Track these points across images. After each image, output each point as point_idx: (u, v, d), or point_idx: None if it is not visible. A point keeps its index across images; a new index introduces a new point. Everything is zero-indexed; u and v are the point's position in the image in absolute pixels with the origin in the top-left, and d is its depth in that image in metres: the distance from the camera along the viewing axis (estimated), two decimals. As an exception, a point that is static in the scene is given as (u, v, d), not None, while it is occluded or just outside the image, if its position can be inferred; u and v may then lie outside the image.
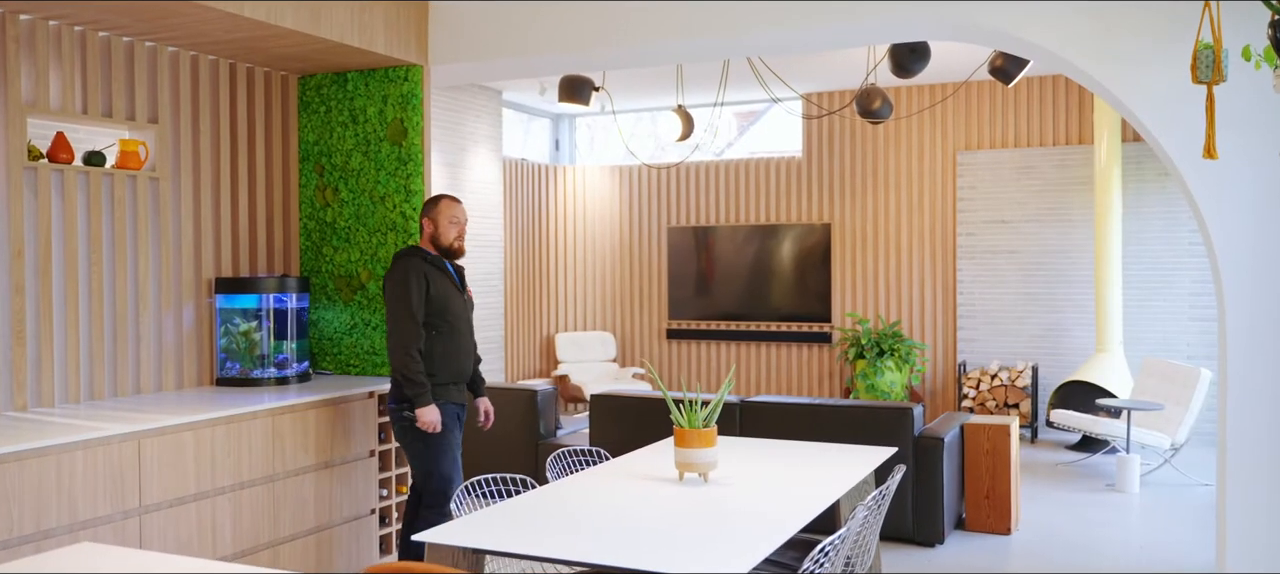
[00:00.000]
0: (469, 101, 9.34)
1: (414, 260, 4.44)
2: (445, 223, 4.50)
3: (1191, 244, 8.63)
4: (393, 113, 5.20)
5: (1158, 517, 6.29)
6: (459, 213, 4.54)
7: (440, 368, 4.43)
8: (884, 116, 7.33)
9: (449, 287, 4.48)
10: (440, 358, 4.43)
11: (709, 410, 3.53)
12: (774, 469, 3.77)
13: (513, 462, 6.48)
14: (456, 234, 4.51)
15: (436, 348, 4.43)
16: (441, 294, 4.42)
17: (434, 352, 4.42)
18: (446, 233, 4.51)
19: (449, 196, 4.56)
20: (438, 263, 4.50)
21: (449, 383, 4.48)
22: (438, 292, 4.41)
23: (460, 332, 4.51)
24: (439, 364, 4.43)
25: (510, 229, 10.18)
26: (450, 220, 4.51)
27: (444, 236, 4.51)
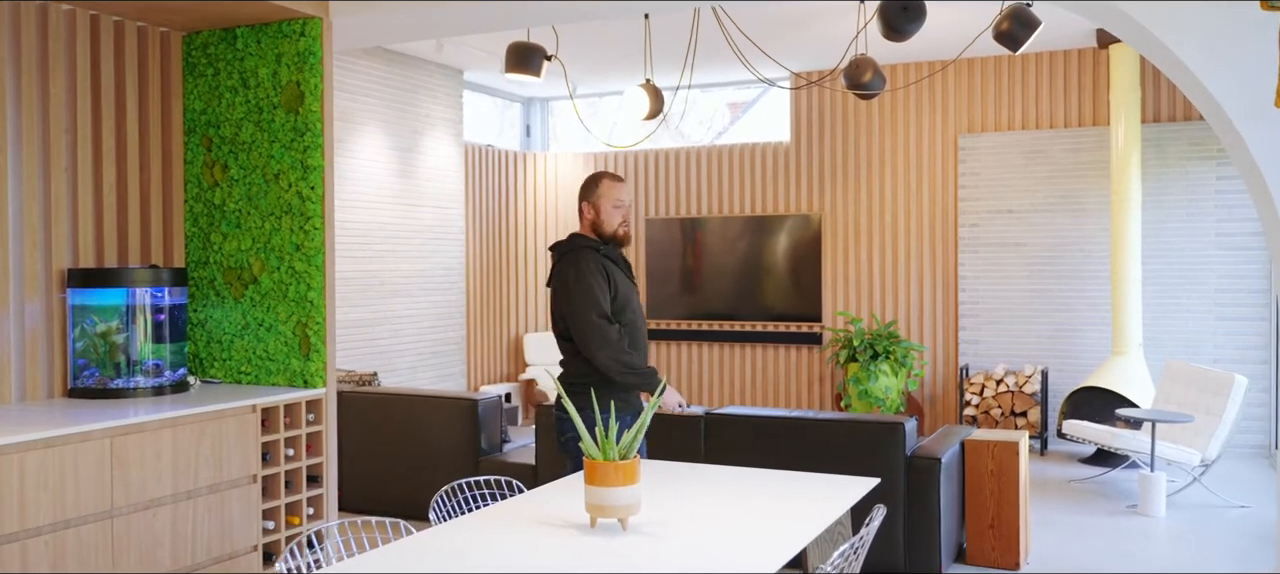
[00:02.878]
0: (424, 80, 8.55)
1: (589, 254, 3.78)
2: (608, 208, 3.84)
3: (1218, 236, 7.80)
4: (288, 75, 4.40)
5: (1189, 544, 5.47)
6: (622, 194, 3.87)
7: None
8: (876, 90, 6.51)
9: (626, 279, 3.88)
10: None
11: (630, 437, 2.72)
12: (719, 510, 2.96)
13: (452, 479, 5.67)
14: (621, 220, 3.86)
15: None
16: (624, 289, 3.83)
17: None
18: (609, 219, 3.84)
19: (610, 175, 3.89)
20: (612, 253, 3.85)
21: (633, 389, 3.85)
22: (620, 287, 3.81)
23: (639, 330, 3.88)
24: None
25: (473, 220, 9.37)
26: (614, 204, 3.84)
27: (607, 223, 3.84)
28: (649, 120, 6.94)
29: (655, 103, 6.85)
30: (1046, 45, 8.12)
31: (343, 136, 7.67)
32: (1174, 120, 7.96)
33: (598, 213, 3.83)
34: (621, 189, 3.86)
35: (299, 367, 4.38)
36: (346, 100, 7.70)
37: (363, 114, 7.88)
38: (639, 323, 3.86)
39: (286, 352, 4.41)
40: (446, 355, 8.84)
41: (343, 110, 7.67)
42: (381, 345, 8.08)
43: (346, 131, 7.71)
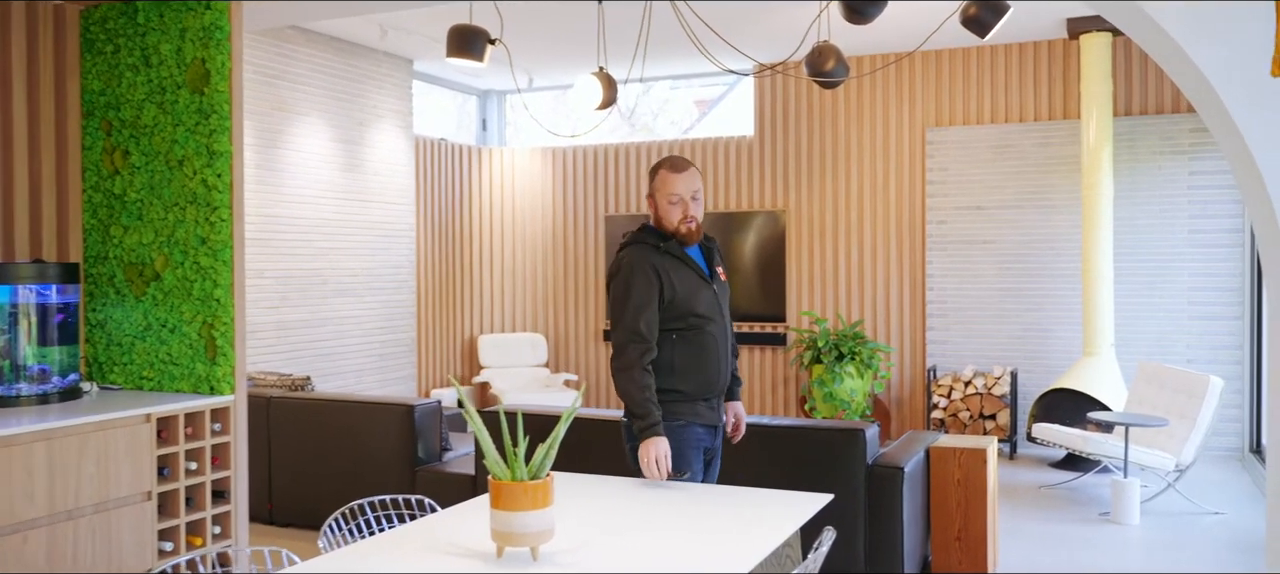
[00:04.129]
0: (371, 69, 8.16)
1: (641, 250, 3.29)
2: (664, 203, 3.30)
3: (1191, 233, 7.57)
4: (192, 52, 4.02)
5: (1164, 554, 5.20)
6: (679, 186, 3.27)
7: (683, 381, 3.29)
8: (839, 78, 6.20)
9: (692, 277, 3.31)
10: (683, 369, 3.29)
11: (542, 453, 2.38)
12: (648, 535, 2.62)
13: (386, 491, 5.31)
14: (681, 216, 3.28)
15: (677, 357, 3.29)
16: (685, 290, 3.28)
17: (675, 362, 3.29)
18: (667, 215, 3.30)
19: (668, 163, 3.32)
20: (674, 248, 3.31)
21: (697, 399, 3.33)
22: (678, 287, 3.27)
23: (710, 333, 3.32)
24: (682, 377, 3.29)
25: (424, 217, 8.99)
26: (669, 199, 3.28)
27: (665, 220, 3.31)
28: (602, 109, 6.59)
29: (608, 92, 6.51)
30: (1015, 36, 7.85)
31: (282, 127, 7.28)
32: (1146, 113, 7.72)
33: (655, 208, 3.33)
34: (679, 180, 3.27)
35: (204, 372, 4.01)
36: (286, 89, 7.31)
37: (303, 104, 7.48)
38: (712, 326, 3.31)
39: (191, 355, 4.03)
40: (395, 358, 8.46)
41: (281, 99, 7.27)
42: (323, 347, 7.68)
43: (285, 122, 7.31)
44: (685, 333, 3.29)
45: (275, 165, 7.22)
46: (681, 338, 3.29)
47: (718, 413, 3.42)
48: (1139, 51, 7.72)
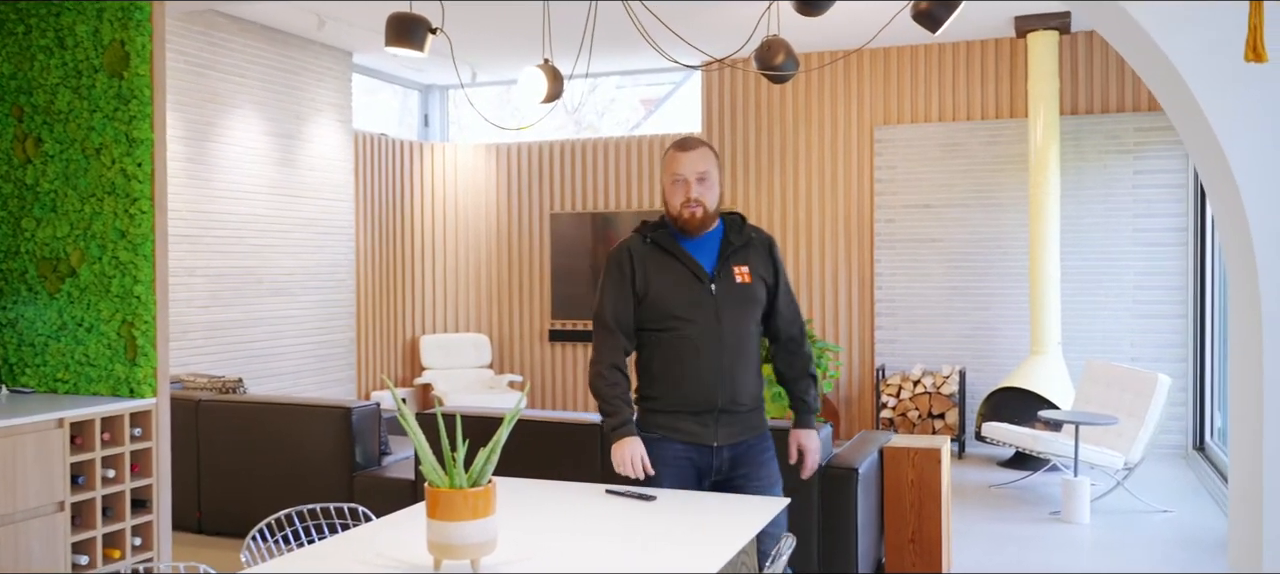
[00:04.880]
0: (309, 61, 7.89)
1: (628, 240, 3.07)
2: (666, 184, 3.03)
3: (1136, 232, 7.61)
4: (111, 33, 3.78)
5: (1116, 553, 5.17)
6: (683, 164, 2.98)
7: (659, 389, 3.02)
8: (789, 73, 6.09)
9: (678, 272, 3.00)
10: (659, 376, 3.01)
11: (483, 458, 2.21)
12: (596, 544, 2.47)
13: (322, 498, 5.08)
14: (682, 199, 2.98)
15: (654, 362, 3.03)
16: (661, 286, 2.98)
17: (651, 367, 3.03)
18: (670, 197, 3.02)
19: (678, 140, 3.05)
20: (664, 238, 3.03)
21: (679, 412, 3.00)
22: (653, 283, 2.99)
23: (688, 337, 2.96)
24: (658, 385, 3.02)
25: (363, 214, 8.74)
26: (671, 178, 3.01)
27: (669, 203, 3.03)
28: (547, 103, 6.42)
29: (553, 85, 6.34)
30: (963, 35, 7.84)
31: (213, 119, 6.99)
32: (1092, 112, 7.75)
33: (663, 190, 3.05)
34: (683, 159, 2.98)
35: (124, 373, 3.77)
36: (217, 80, 7.03)
37: (237, 95, 7.20)
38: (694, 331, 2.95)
39: (109, 356, 3.79)
40: (333, 359, 8.19)
41: (213, 91, 6.98)
42: (258, 348, 7.40)
43: (217, 114, 7.03)
44: (660, 336, 3.00)
45: (206, 159, 6.93)
46: (657, 341, 3.01)
47: (716, 431, 2.99)
48: (1085, 50, 7.75)
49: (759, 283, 3.02)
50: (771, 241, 3.13)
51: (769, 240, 3.12)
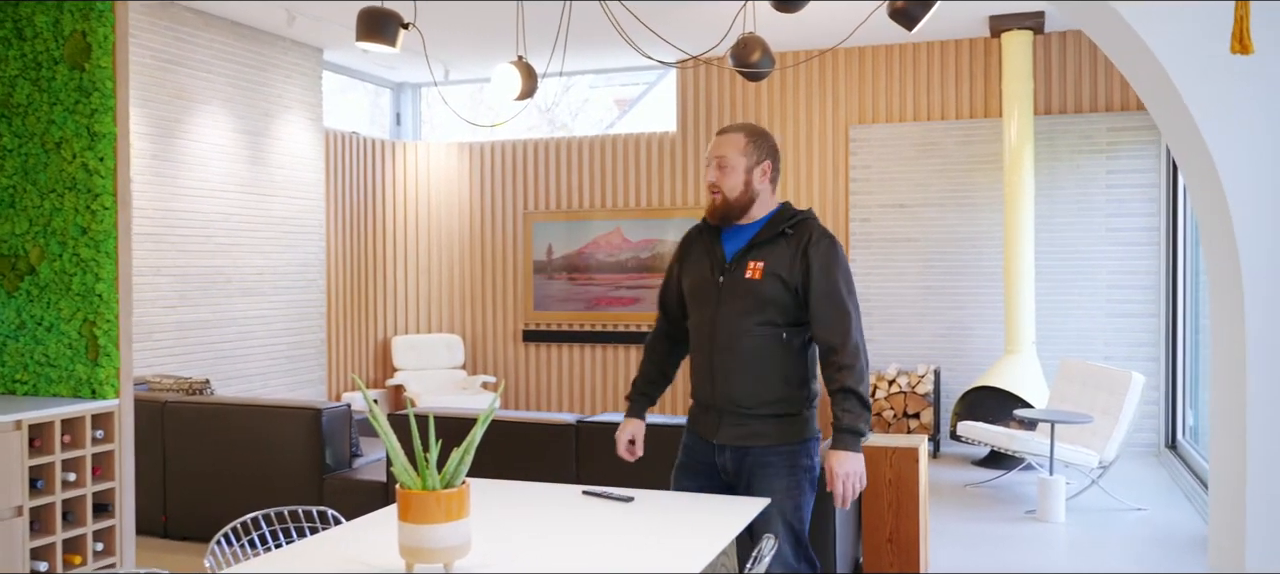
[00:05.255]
0: (278, 58, 7.77)
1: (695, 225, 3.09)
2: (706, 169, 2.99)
3: (1109, 231, 7.64)
4: (72, 24, 3.67)
5: (1091, 551, 5.17)
6: (710, 148, 2.96)
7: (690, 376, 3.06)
8: (765, 70, 6.06)
9: (700, 262, 2.97)
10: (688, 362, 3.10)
11: (456, 458, 2.14)
12: (574, 547, 2.41)
13: (291, 501, 4.98)
14: (710, 183, 2.92)
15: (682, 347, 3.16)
16: (687, 275, 3.02)
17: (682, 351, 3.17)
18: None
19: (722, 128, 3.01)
20: (710, 229, 2.99)
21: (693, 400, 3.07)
22: (685, 271, 3.04)
23: (695, 328, 2.98)
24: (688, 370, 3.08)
25: (334, 213, 8.62)
26: (706, 162, 2.97)
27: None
28: (521, 100, 6.35)
29: (528, 82, 6.27)
30: (938, 34, 7.84)
31: (180, 116, 6.86)
32: (1065, 112, 7.78)
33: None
34: (715, 143, 2.94)
35: (85, 374, 3.66)
36: (184, 76, 6.90)
37: (204, 92, 7.07)
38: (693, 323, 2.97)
39: (70, 356, 3.68)
40: (304, 360, 8.07)
41: (179, 87, 6.85)
42: (226, 349, 7.28)
43: (184, 111, 6.90)
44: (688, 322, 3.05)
45: (173, 156, 6.80)
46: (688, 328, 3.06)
47: (717, 429, 2.92)
48: (1059, 50, 7.77)
49: (772, 280, 2.81)
50: (811, 239, 2.82)
51: (810, 237, 2.83)
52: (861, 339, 2.84)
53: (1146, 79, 2.82)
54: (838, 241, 2.90)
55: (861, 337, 2.85)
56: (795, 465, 2.91)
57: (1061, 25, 7.57)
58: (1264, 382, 2.64)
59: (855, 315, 2.83)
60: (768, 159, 2.92)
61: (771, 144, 2.95)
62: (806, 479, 2.92)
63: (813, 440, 2.93)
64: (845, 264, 2.87)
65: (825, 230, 2.89)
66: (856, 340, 2.82)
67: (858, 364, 2.81)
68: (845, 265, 2.86)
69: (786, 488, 2.91)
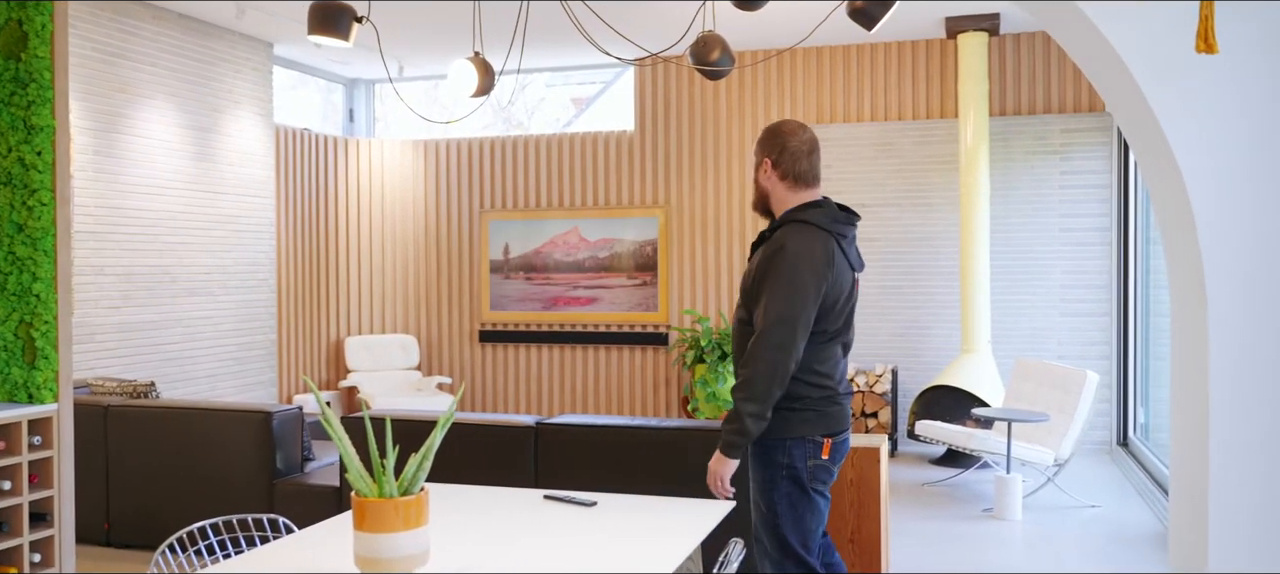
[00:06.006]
0: (226, 52, 7.58)
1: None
2: None
3: (1062, 231, 7.71)
4: (6, 12, 3.52)
5: (1048, 549, 5.20)
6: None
7: None
8: (725, 69, 6.01)
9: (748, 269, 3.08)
10: None
11: (415, 464, 2.06)
12: (535, 554, 2.34)
13: (240, 507, 4.84)
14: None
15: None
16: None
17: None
18: None
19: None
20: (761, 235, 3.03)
21: None
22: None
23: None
24: None
25: (285, 211, 8.44)
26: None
27: None
28: (477, 97, 6.24)
29: (485, 78, 6.17)
30: (895, 35, 7.87)
31: (124, 110, 6.66)
32: (1019, 113, 7.84)
33: None
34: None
35: (21, 377, 3.51)
36: (129, 69, 6.70)
37: (149, 86, 6.88)
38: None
39: (5, 359, 3.53)
40: (253, 362, 7.89)
41: (124, 80, 6.66)
42: (172, 351, 7.08)
43: (128, 105, 6.70)
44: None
45: (116, 152, 6.61)
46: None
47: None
48: (1013, 52, 7.83)
49: (748, 278, 2.91)
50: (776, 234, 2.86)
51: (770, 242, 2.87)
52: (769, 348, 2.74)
53: (1110, 79, 2.81)
54: (795, 240, 2.80)
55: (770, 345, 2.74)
56: (769, 462, 2.88)
57: (1016, 27, 7.63)
58: (1226, 383, 2.64)
59: (775, 326, 2.74)
60: (767, 157, 2.93)
61: (774, 142, 2.93)
62: (782, 475, 2.86)
63: (793, 439, 2.84)
64: (784, 274, 2.76)
65: (796, 228, 2.83)
66: (755, 351, 2.76)
67: (745, 374, 2.77)
68: (788, 269, 2.76)
69: (759, 483, 2.91)
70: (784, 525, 2.86)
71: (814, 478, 2.86)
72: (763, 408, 2.74)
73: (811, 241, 2.80)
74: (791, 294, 2.74)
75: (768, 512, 2.89)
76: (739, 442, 2.78)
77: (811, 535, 2.90)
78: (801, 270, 2.76)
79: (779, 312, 2.74)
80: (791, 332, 2.73)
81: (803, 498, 2.86)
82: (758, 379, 2.73)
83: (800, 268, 2.76)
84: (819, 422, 2.85)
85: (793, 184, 2.91)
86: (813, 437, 2.84)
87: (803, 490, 2.86)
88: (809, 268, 2.76)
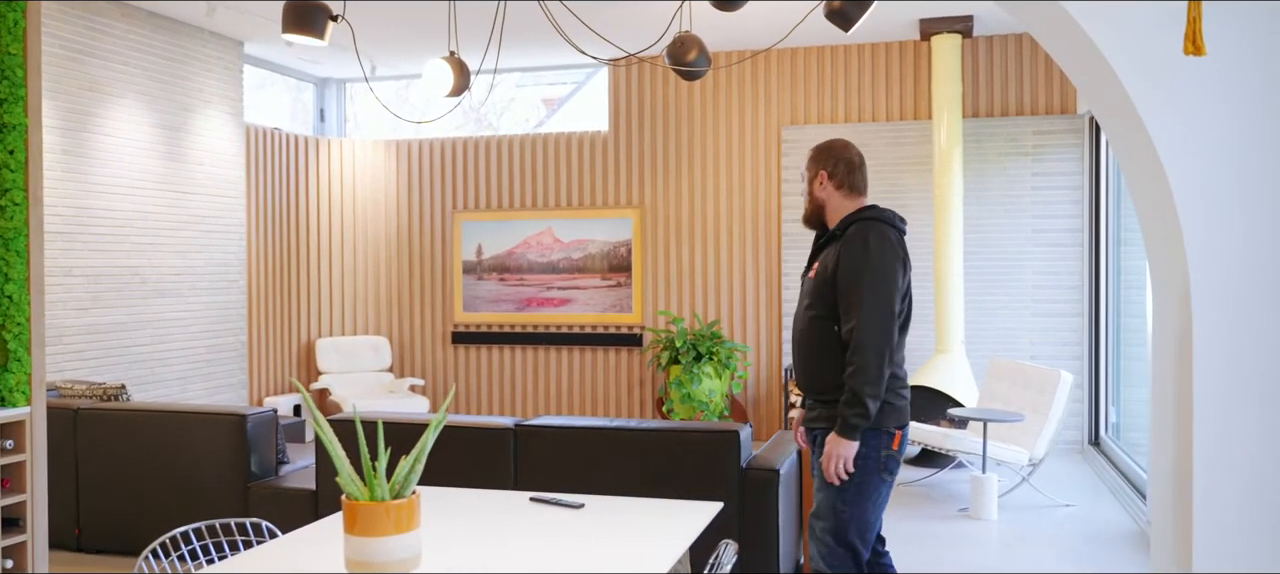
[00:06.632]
0: (197, 50, 7.48)
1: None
2: None
3: (1034, 232, 7.79)
4: (-22, 7, 3.45)
5: (1024, 548, 5.24)
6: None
7: None
8: (701, 70, 6.01)
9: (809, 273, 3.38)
10: None
11: (406, 467, 2.04)
12: (527, 557, 2.32)
13: (215, 511, 4.78)
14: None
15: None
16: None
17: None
18: None
19: None
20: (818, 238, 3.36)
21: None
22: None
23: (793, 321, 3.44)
24: None
25: (255, 211, 8.35)
26: None
27: None
28: (453, 97, 6.20)
29: (460, 78, 6.13)
30: (869, 37, 7.91)
31: (92, 109, 6.55)
32: (992, 115, 7.91)
33: None
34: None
35: (-7, 380, 3.44)
36: (97, 67, 6.59)
37: (118, 84, 6.77)
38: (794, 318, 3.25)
39: (-24, 361, 3.45)
40: (224, 364, 7.79)
41: (92, 79, 6.55)
42: (142, 353, 6.98)
43: (97, 104, 6.59)
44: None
45: (85, 151, 6.50)
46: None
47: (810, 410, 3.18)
48: (986, 54, 7.90)
49: (821, 277, 3.08)
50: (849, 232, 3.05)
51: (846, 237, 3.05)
52: (874, 333, 2.92)
53: (1094, 80, 2.83)
54: (872, 237, 3.01)
55: (875, 330, 2.92)
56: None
57: (989, 29, 7.70)
58: (1212, 385, 2.67)
59: (871, 311, 2.93)
60: (821, 169, 3.19)
61: (828, 156, 3.20)
62: (861, 465, 3.00)
63: (869, 431, 2.99)
64: (871, 261, 2.97)
65: (870, 225, 3.05)
66: (862, 339, 2.93)
67: (858, 360, 2.93)
68: (871, 262, 2.97)
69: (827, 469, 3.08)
70: (847, 515, 3.02)
71: (884, 468, 3.03)
72: (878, 388, 2.92)
73: (887, 235, 3.03)
74: (885, 282, 2.97)
75: (833, 501, 3.03)
76: (861, 424, 2.94)
77: (870, 529, 3.07)
78: (888, 260, 2.99)
79: (878, 299, 2.95)
80: (890, 315, 2.96)
81: (870, 490, 3.02)
82: (871, 363, 2.91)
83: (887, 258, 2.99)
84: (892, 414, 3.02)
85: (848, 192, 3.15)
86: (887, 429, 3.01)
87: (871, 482, 3.01)
88: (893, 257, 3.01)
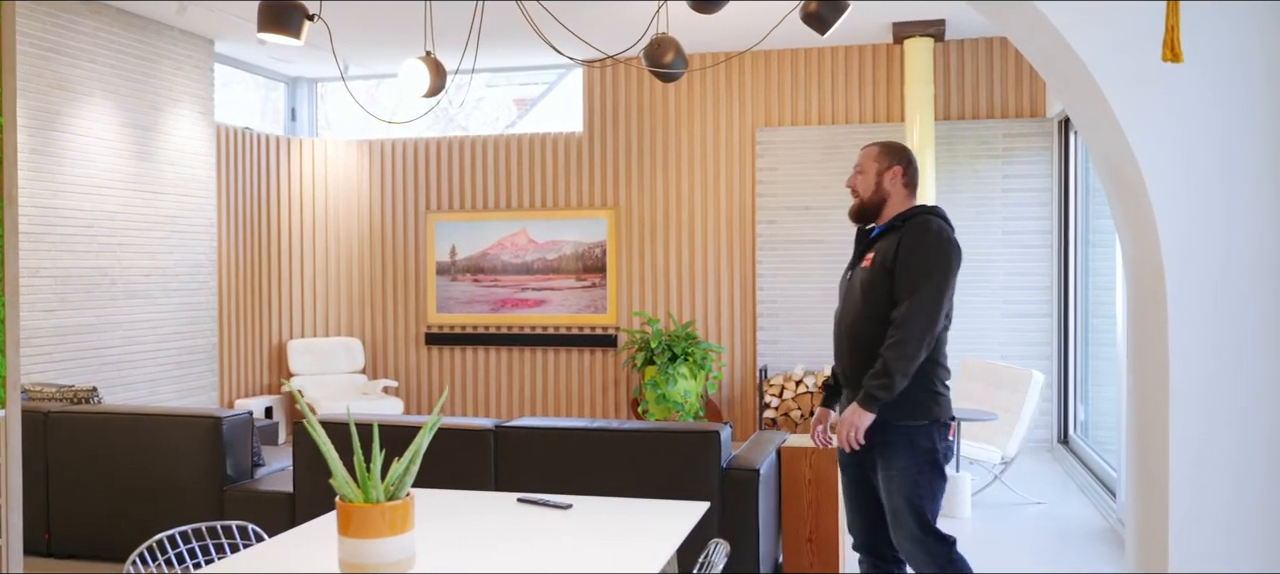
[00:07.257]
0: (167, 48, 7.40)
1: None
2: None
3: (1005, 234, 7.89)
4: (-49, 3, 3.39)
5: (998, 545, 5.31)
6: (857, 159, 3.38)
7: None
8: (677, 72, 6.02)
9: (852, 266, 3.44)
10: None
11: (400, 468, 2.04)
12: (518, 559, 2.32)
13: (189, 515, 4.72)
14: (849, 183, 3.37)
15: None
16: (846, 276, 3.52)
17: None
18: None
19: None
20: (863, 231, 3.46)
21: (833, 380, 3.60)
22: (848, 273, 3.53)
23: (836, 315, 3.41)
24: None
25: (226, 211, 8.27)
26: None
27: None
28: (429, 97, 6.18)
29: (436, 78, 6.10)
30: (843, 39, 7.97)
31: (60, 108, 6.46)
32: (963, 118, 8.00)
33: None
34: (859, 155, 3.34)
35: (-34, 383, 3.38)
36: (65, 65, 6.50)
37: (87, 82, 6.68)
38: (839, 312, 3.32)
39: (-51, 363, 3.39)
40: (194, 366, 7.70)
41: (60, 77, 6.46)
42: (111, 355, 6.89)
43: (65, 102, 6.50)
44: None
45: (52, 150, 6.41)
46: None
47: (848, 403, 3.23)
48: (957, 57, 7.98)
49: (879, 268, 3.12)
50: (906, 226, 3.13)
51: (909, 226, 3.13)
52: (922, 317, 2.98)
53: (1072, 85, 2.88)
54: (935, 227, 3.12)
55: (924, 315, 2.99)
56: (914, 447, 3.10)
57: (961, 33, 7.79)
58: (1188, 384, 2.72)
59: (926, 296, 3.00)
60: (897, 165, 3.23)
61: (904, 154, 3.28)
62: (925, 458, 3.09)
63: (934, 424, 3.11)
64: (935, 247, 3.06)
65: (929, 220, 3.15)
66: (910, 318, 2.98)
67: (900, 335, 2.99)
68: (934, 249, 3.06)
69: (905, 467, 3.11)
70: (927, 505, 3.12)
71: (946, 458, 3.18)
72: (909, 369, 2.99)
73: (950, 234, 3.15)
74: (945, 275, 3.06)
75: (913, 491, 3.10)
76: (883, 397, 3.01)
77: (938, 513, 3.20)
78: (948, 250, 3.10)
79: (934, 287, 3.02)
80: (940, 307, 3.03)
81: (939, 478, 3.15)
82: (912, 342, 2.98)
83: (947, 248, 3.10)
84: (948, 407, 3.17)
85: (910, 192, 3.27)
86: (944, 420, 3.14)
87: (939, 471, 3.15)
88: (953, 249, 3.11)
